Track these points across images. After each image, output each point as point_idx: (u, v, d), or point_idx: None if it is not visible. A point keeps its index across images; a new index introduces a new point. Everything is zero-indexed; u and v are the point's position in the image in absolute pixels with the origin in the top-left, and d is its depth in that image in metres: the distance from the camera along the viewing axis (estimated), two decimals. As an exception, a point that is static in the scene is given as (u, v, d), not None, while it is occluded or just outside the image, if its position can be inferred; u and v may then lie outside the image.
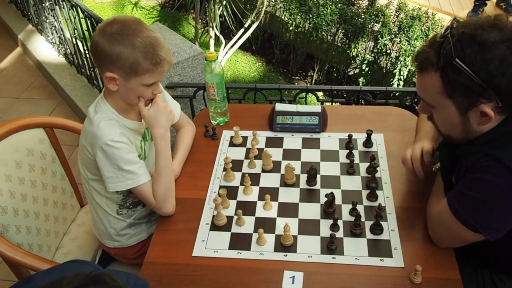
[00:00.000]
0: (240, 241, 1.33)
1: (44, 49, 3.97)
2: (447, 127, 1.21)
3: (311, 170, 1.46)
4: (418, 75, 1.18)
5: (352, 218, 1.33)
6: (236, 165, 1.57)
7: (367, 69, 4.02)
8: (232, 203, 1.45)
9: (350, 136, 1.60)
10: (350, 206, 1.38)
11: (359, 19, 3.99)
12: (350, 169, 1.52)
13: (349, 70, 4.38)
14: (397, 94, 3.60)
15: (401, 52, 3.70)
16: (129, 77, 1.30)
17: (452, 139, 1.24)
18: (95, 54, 1.31)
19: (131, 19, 1.32)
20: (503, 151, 1.08)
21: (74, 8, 3.04)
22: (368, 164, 1.51)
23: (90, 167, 1.42)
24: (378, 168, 1.49)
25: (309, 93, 2.37)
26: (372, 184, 1.44)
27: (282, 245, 1.30)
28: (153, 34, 1.31)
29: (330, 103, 2.51)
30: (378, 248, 1.28)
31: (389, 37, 3.80)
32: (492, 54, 1.04)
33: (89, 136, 1.36)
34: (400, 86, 3.69)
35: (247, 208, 1.42)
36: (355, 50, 4.07)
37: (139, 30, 1.28)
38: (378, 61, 3.98)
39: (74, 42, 3.33)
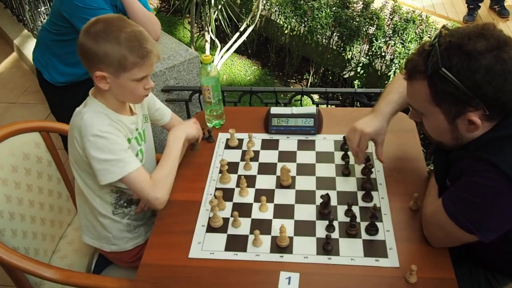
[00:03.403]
0: (236, 243, 1.33)
1: (40, 54, 3.96)
2: (437, 134, 1.23)
3: (324, 197, 1.38)
4: (408, 83, 1.20)
5: (348, 219, 1.34)
6: (232, 167, 1.58)
7: (362, 71, 4.05)
8: (228, 205, 1.45)
9: (345, 138, 1.61)
10: (346, 207, 1.38)
11: (354, 22, 4.01)
12: (345, 170, 1.53)
13: (344, 73, 4.40)
14: (392, 96, 3.62)
15: (395, 55, 3.72)
16: (119, 74, 1.30)
17: (443, 145, 1.25)
18: (83, 55, 1.31)
19: (114, 16, 1.33)
20: (497, 156, 1.09)
21: (69, 13, 3.03)
22: (363, 165, 1.52)
23: (82, 165, 1.39)
24: (373, 169, 1.49)
25: (305, 96, 2.38)
26: (367, 185, 1.45)
27: (278, 246, 1.31)
28: (137, 28, 1.31)
29: (325, 105, 2.52)
30: (374, 248, 1.29)
31: (383, 40, 3.82)
32: (478, 63, 1.05)
33: (76, 130, 1.33)
34: (395, 89, 3.70)
35: (243, 209, 1.42)
36: (350, 53, 4.09)
37: (122, 25, 1.28)
38: (373, 63, 4.00)
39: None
